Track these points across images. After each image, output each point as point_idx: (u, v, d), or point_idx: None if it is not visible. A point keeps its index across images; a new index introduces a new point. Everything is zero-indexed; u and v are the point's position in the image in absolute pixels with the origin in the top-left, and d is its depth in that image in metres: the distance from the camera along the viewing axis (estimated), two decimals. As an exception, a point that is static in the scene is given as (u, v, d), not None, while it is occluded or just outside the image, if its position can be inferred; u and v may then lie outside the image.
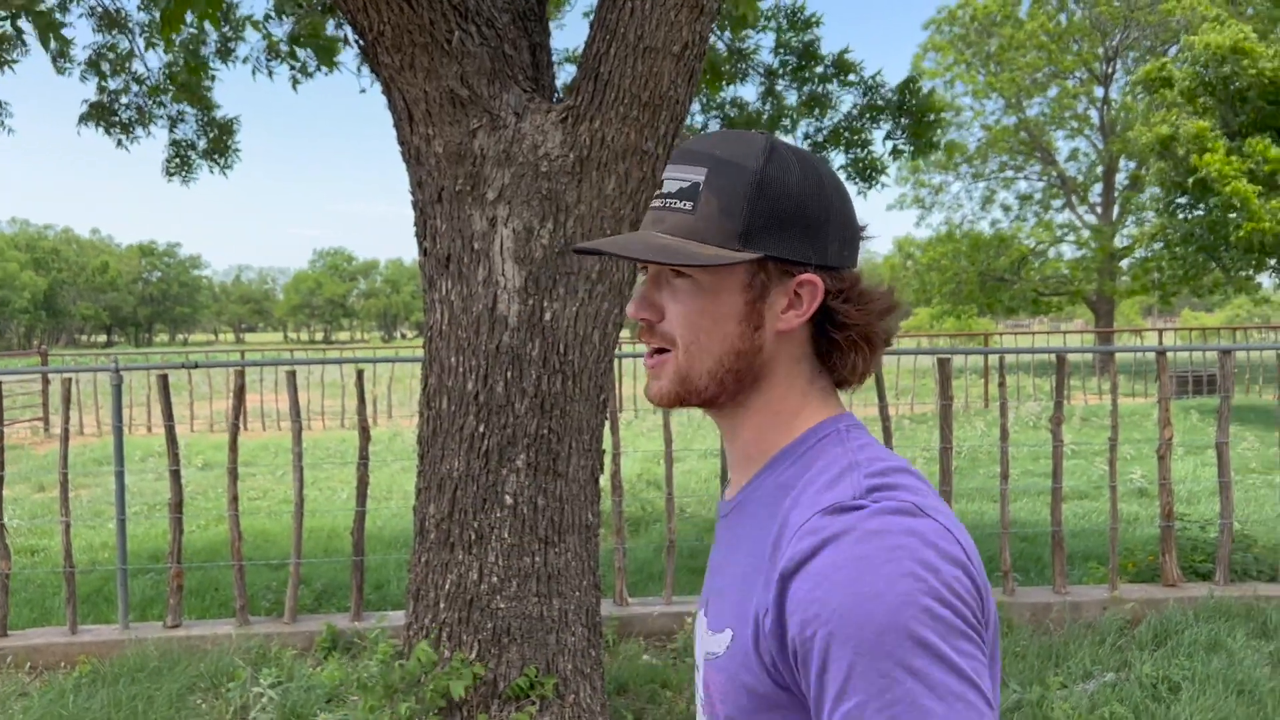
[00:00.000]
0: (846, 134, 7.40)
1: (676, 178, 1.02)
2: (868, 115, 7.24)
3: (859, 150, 7.47)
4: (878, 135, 7.50)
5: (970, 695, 0.79)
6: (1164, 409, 5.57)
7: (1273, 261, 16.00)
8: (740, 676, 0.94)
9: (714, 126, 7.50)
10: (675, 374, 1.03)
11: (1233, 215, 14.89)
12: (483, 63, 3.28)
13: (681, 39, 3.24)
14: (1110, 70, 29.68)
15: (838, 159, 7.57)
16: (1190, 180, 15.33)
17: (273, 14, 6.46)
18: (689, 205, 1.00)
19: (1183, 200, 16.79)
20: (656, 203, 1.04)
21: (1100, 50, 29.32)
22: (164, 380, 5.28)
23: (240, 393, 5.28)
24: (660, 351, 1.05)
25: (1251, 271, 16.91)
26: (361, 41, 3.42)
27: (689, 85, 3.39)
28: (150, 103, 7.46)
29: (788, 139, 7.61)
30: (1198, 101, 15.98)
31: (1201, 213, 16.32)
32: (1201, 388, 18.25)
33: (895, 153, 7.44)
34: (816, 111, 7.37)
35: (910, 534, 0.85)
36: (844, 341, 1.03)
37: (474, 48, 3.26)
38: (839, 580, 0.83)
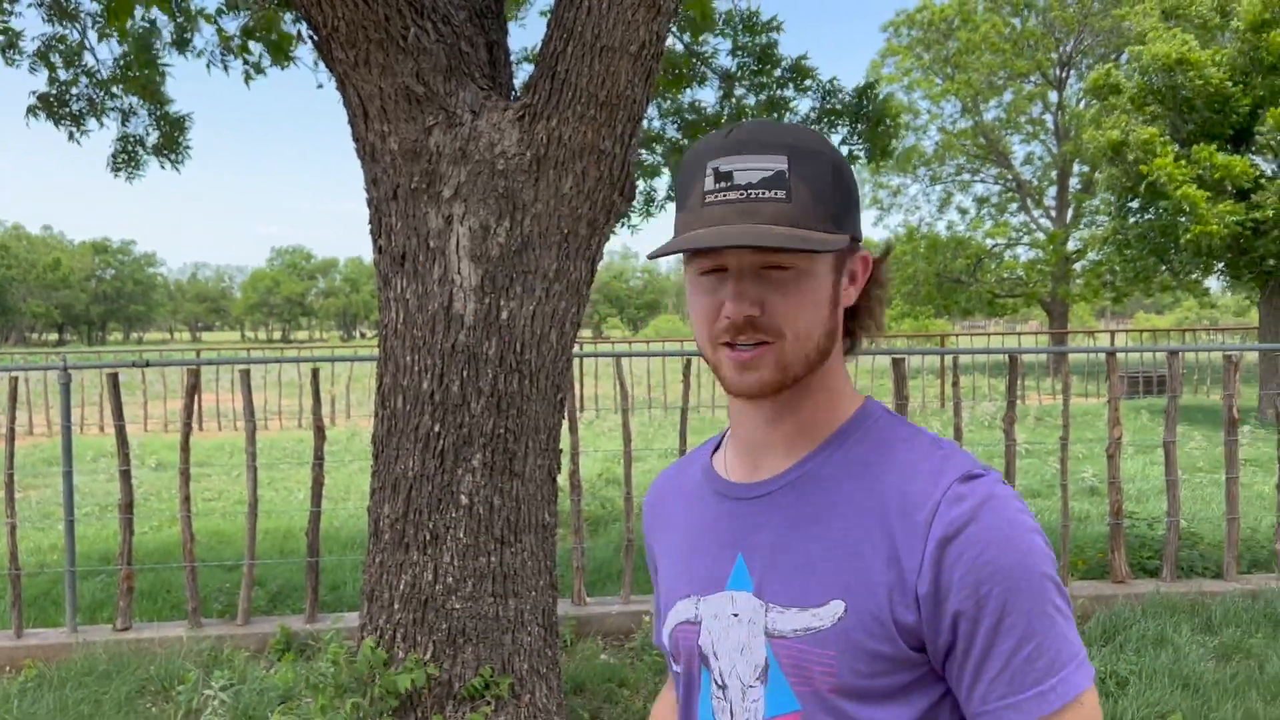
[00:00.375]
0: None
1: (755, 166, 1.00)
2: (825, 120, 7.28)
3: None
4: (834, 140, 7.56)
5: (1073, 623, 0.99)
6: (1113, 409, 5.66)
7: (1220, 265, 16.31)
8: (866, 644, 0.98)
9: (671, 130, 7.49)
10: (778, 363, 1.03)
11: (1182, 219, 15.17)
12: (439, 60, 3.27)
13: (639, 38, 3.24)
14: (1064, 75, 30.14)
15: None
16: (1141, 185, 15.59)
17: (224, 8, 6.37)
18: (782, 194, 1.00)
19: (1134, 204, 17.08)
20: (732, 195, 1.00)
21: (1054, 55, 29.76)
22: (114, 379, 5.20)
23: (193, 392, 5.21)
24: (762, 344, 1.03)
25: (1199, 274, 17.22)
26: (315, 37, 3.39)
27: (646, 85, 3.40)
28: (101, 95, 7.31)
29: None
30: (1146, 109, 16.27)
31: (1151, 216, 16.62)
32: (1152, 388, 18.58)
33: (851, 158, 7.50)
34: (775, 115, 7.40)
35: (1016, 498, 1.01)
36: (876, 302, 1.13)
37: (430, 44, 3.24)
38: (1002, 542, 0.96)
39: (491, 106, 3.34)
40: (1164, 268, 16.99)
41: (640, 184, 7.72)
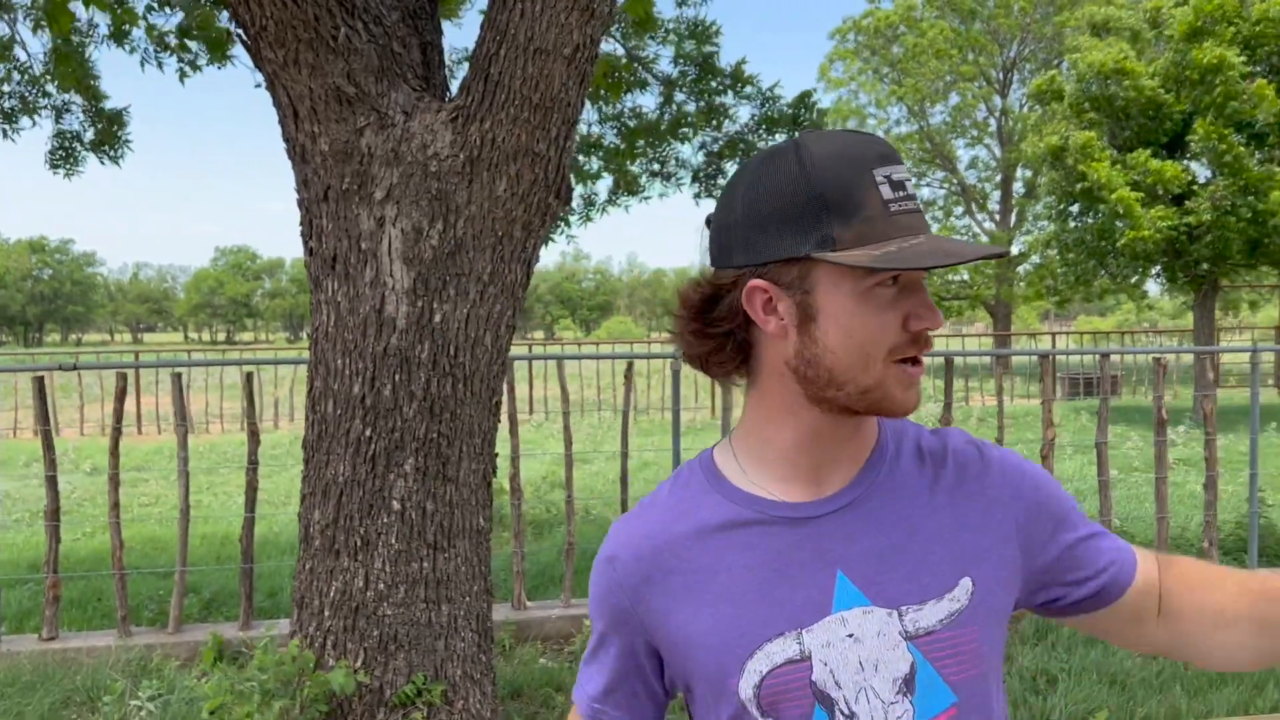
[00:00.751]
0: (743, 145, 7.48)
1: (909, 179, 1.01)
2: (764, 126, 7.32)
3: None
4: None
5: None
6: (1047, 410, 5.76)
7: (1156, 269, 16.68)
8: (997, 604, 1.06)
9: (611, 136, 7.48)
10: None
11: (1119, 224, 15.50)
12: (370, 60, 3.23)
13: (573, 41, 3.23)
14: (1008, 80, 30.66)
15: (733, 169, 7.63)
16: (1079, 188, 15.90)
17: (155, 5, 6.25)
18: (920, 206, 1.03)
19: (1074, 209, 17.42)
20: (910, 204, 0.99)
21: (998, 60, 30.26)
22: (39, 383, 5.07)
23: (122, 396, 5.10)
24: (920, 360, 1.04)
25: (1137, 278, 17.60)
26: (244, 36, 3.34)
27: (580, 88, 3.39)
28: (35, 92, 7.14)
29: (684, 149, 7.66)
30: (1085, 115, 16.60)
31: (1090, 220, 16.96)
32: (1092, 389, 18.95)
33: None
34: (714, 123, 7.42)
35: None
36: None
37: (361, 45, 3.20)
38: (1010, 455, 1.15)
39: (424, 108, 3.31)
40: (1103, 271, 17.33)
41: (581, 188, 7.71)
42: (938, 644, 1.00)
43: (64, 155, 7.35)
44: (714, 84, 7.23)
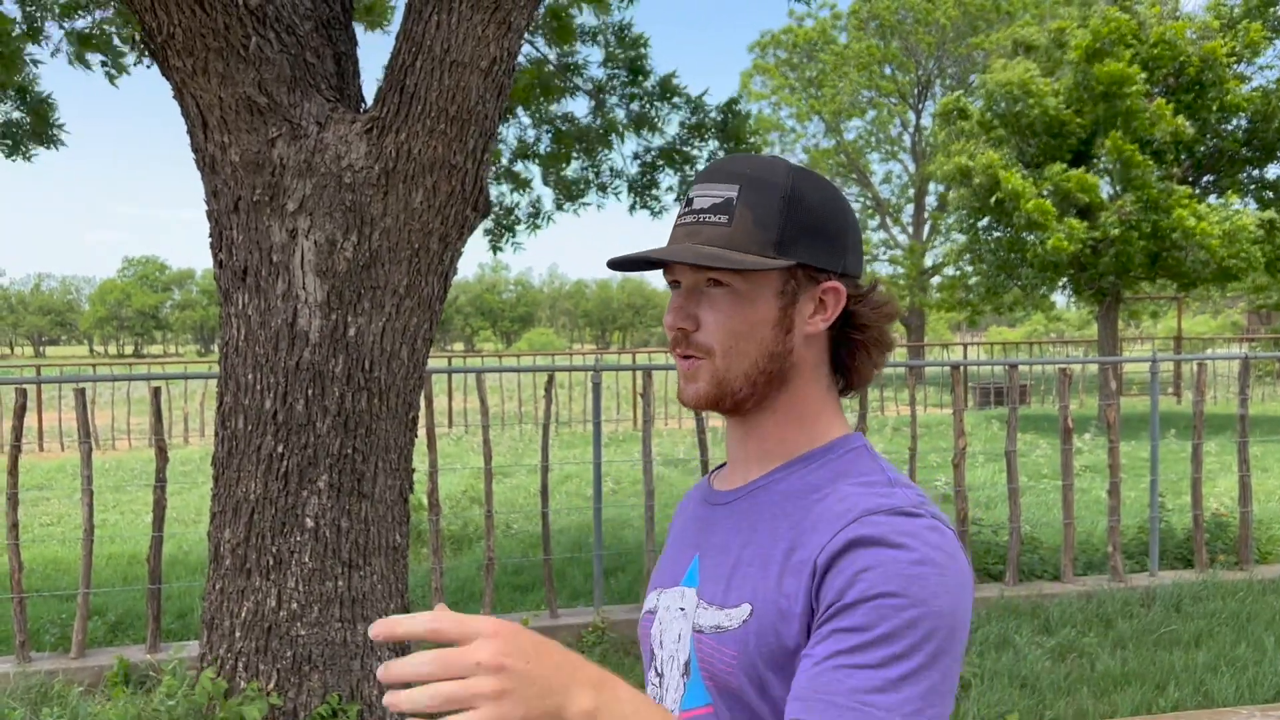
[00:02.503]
0: (676, 155, 7.53)
1: (708, 195, 1.09)
2: (695, 135, 7.38)
3: (688, 169, 7.61)
4: (702, 154, 7.65)
5: (914, 704, 0.91)
6: (958, 419, 5.90)
7: (1063, 281, 17.25)
8: (765, 645, 1.01)
9: (545, 140, 7.48)
10: (713, 378, 1.09)
11: (1030, 238, 15.99)
12: (282, 70, 3.18)
13: (489, 54, 3.23)
14: (922, 96, 31.44)
15: (667, 180, 7.69)
16: (991, 200, 16.37)
17: (72, 6, 6.06)
18: (724, 219, 1.07)
19: (984, 223, 17.93)
20: (688, 218, 1.09)
21: (913, 77, 31.01)
22: (-68, 399, 4.86)
23: (22, 413, 4.90)
24: (695, 358, 1.10)
25: (1045, 289, 18.17)
26: (151, 43, 3.25)
27: (498, 100, 3.38)
28: None
29: (614, 156, 7.70)
30: (993, 133, 17.11)
31: (1000, 234, 17.47)
32: (1003, 399, 19.47)
33: None
34: (645, 131, 7.47)
35: (947, 549, 0.97)
36: (864, 342, 1.13)
37: (273, 54, 3.15)
38: (900, 566, 0.94)
39: (338, 119, 3.26)
40: (1013, 283, 17.86)
41: (524, 197, 7.69)
42: (704, 646, 1.07)
43: (12, 144, 7.12)
44: (645, 88, 7.28)
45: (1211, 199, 16.75)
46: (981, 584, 5.96)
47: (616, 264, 1.14)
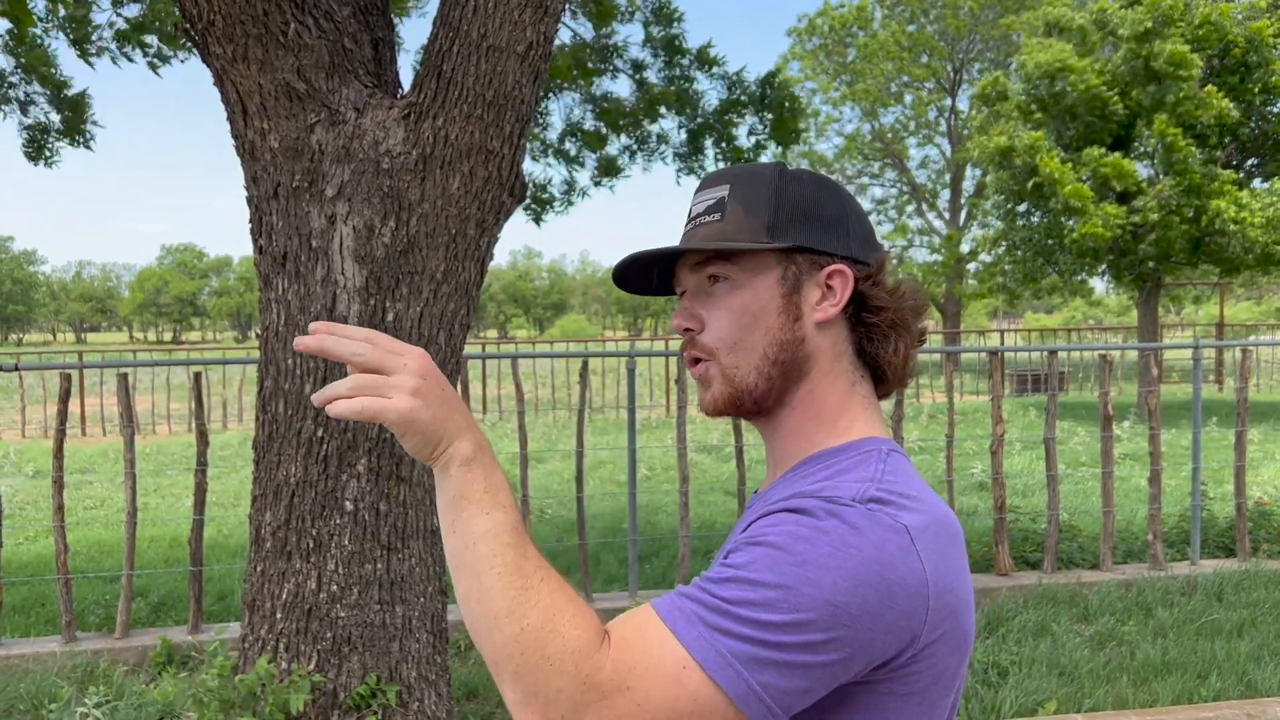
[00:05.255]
0: (716, 128, 7.48)
1: (702, 200, 1.10)
2: (733, 110, 7.32)
3: (726, 145, 7.56)
4: (741, 131, 7.60)
5: (705, 669, 0.87)
6: (996, 406, 5.84)
7: (1102, 267, 16.99)
8: None
9: (590, 120, 7.50)
10: (724, 377, 1.08)
11: (1068, 221, 15.76)
12: (321, 56, 3.19)
13: (526, 39, 3.22)
14: (958, 80, 31.07)
15: (708, 154, 7.66)
16: (1029, 184, 16.14)
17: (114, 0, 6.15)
18: (717, 216, 1.07)
19: (1021, 208, 17.69)
20: (687, 226, 1.10)
21: (948, 62, 30.65)
22: (-20, 384, 4.95)
23: (66, 397, 4.99)
24: (701, 361, 1.09)
25: (1084, 275, 17.92)
26: (192, 31, 3.28)
27: (534, 85, 3.38)
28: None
29: (655, 129, 7.70)
30: (1032, 116, 16.86)
31: (1038, 219, 17.24)
32: (1040, 386, 19.26)
33: (759, 147, 7.57)
34: (686, 109, 7.43)
35: (863, 531, 0.90)
36: (882, 325, 1.08)
37: (311, 40, 3.16)
38: (793, 533, 0.90)
39: (376, 104, 3.27)
40: (1051, 269, 17.62)
41: (563, 174, 7.74)
42: None
43: (36, 147, 7.23)
44: (683, 63, 7.27)
45: (1256, 183, 16.43)
46: (1019, 571, 5.91)
47: (619, 280, 1.15)
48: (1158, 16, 15.18)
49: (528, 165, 7.00)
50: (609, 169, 7.64)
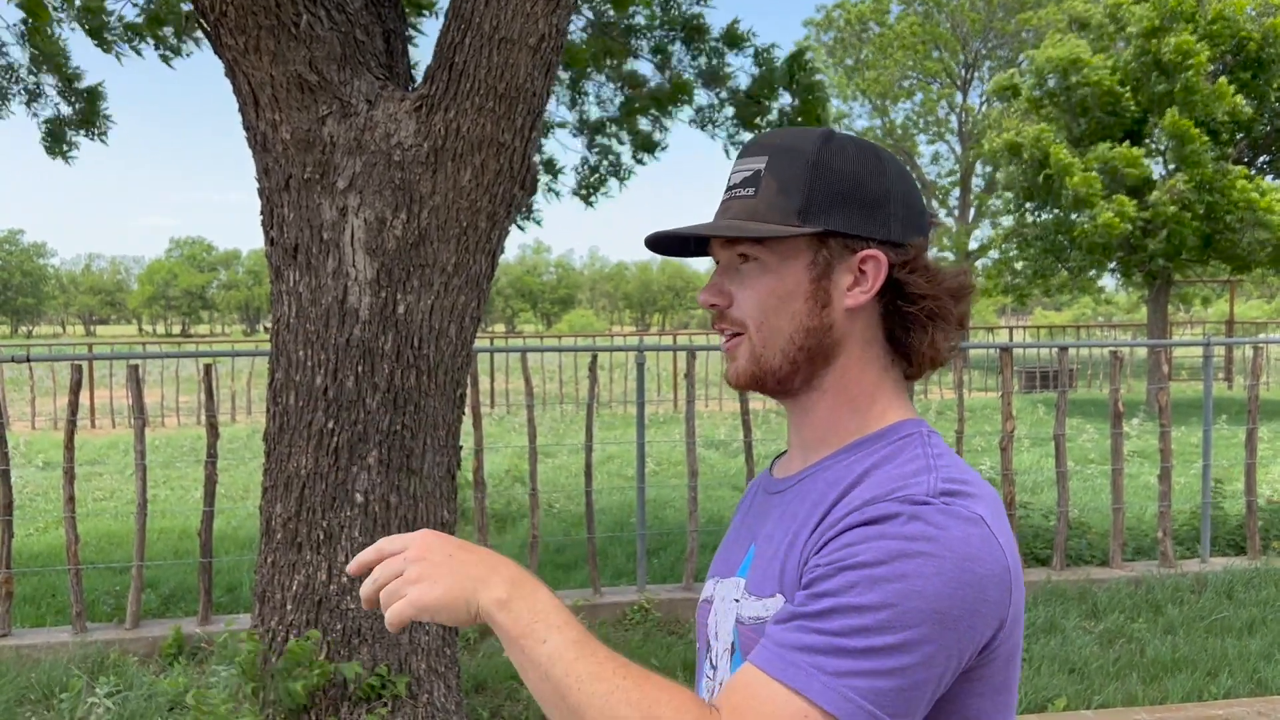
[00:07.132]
0: (748, 104, 7.43)
1: (740, 170, 1.07)
2: (764, 88, 7.26)
3: (759, 122, 7.51)
4: (772, 112, 7.55)
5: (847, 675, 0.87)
6: (1006, 403, 5.83)
7: (1112, 263, 16.93)
8: None
9: (618, 97, 7.49)
10: (750, 354, 1.07)
11: (1078, 217, 15.71)
12: (333, 48, 3.19)
13: (538, 31, 3.22)
14: (969, 77, 31.00)
15: (743, 135, 7.62)
16: (1040, 177, 16.08)
17: None
18: (751, 191, 1.05)
19: (1031, 205, 17.64)
20: (725, 195, 1.08)
21: (960, 58, 30.59)
22: (-8, 375, 4.96)
23: (77, 389, 5.00)
24: (735, 335, 1.08)
25: (1094, 272, 17.86)
26: (204, 22, 3.28)
27: (546, 78, 3.37)
28: (8, 78, 7.00)
29: (685, 111, 7.68)
30: (1043, 111, 16.80)
31: (1048, 215, 17.19)
32: (1049, 383, 19.20)
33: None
34: (715, 90, 7.39)
35: (964, 544, 0.90)
36: (918, 314, 1.05)
37: (323, 32, 3.16)
38: (883, 542, 0.90)
39: (388, 96, 3.27)
40: (1061, 266, 17.57)
41: (599, 159, 7.75)
42: (744, 637, 1.05)
43: (55, 139, 7.24)
44: (709, 44, 7.22)
45: (1268, 179, 16.36)
46: (1028, 569, 5.89)
47: (652, 244, 1.14)
48: (1166, 14, 15.12)
49: (572, 147, 6.97)
50: (645, 145, 7.64)
